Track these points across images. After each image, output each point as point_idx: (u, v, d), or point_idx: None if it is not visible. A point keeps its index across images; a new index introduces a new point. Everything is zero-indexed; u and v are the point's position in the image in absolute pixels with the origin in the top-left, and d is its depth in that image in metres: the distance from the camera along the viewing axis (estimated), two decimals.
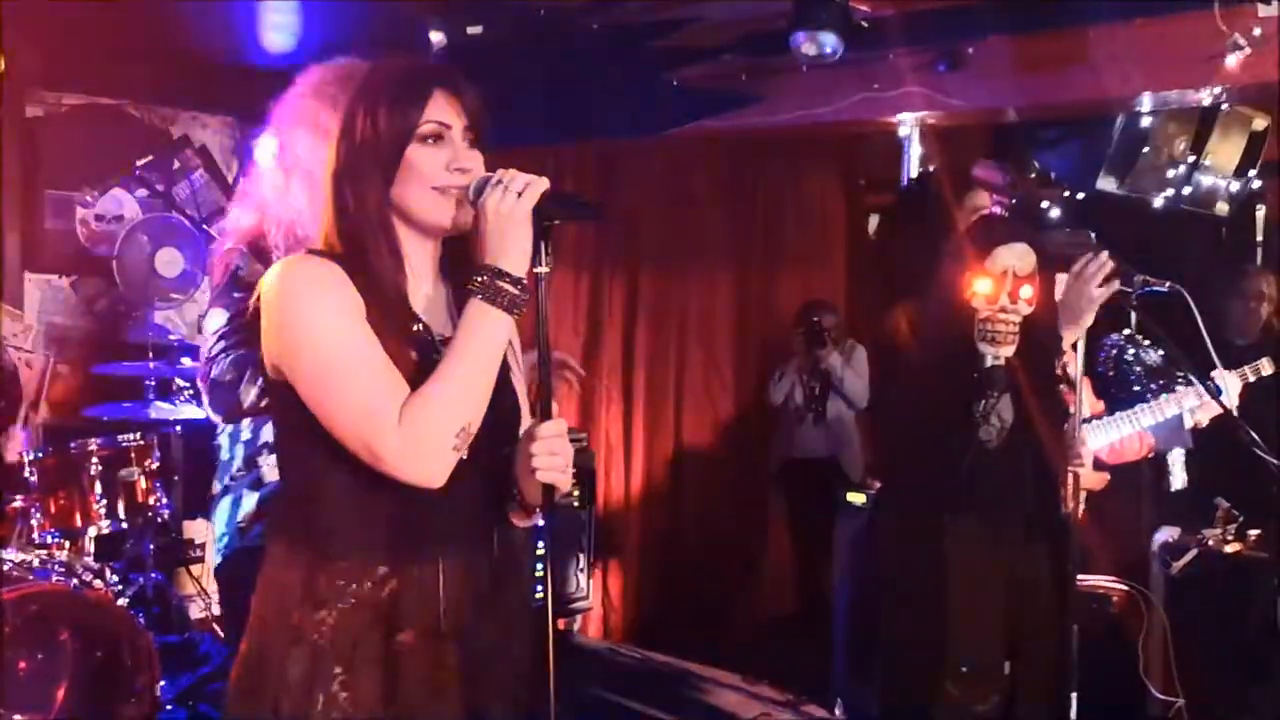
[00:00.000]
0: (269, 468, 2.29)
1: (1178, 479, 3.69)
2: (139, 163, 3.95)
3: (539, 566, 3.61)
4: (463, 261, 1.60)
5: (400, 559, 1.58)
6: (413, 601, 1.58)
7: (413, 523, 1.57)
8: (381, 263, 1.58)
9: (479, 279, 1.53)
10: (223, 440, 2.39)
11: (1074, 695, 2.63)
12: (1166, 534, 3.70)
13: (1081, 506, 2.67)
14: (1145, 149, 4.35)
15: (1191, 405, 3.20)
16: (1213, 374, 2.96)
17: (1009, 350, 2.47)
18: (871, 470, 4.51)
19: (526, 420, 1.73)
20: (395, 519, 1.57)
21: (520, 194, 1.52)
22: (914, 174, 4.32)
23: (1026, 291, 2.47)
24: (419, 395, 1.51)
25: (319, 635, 1.56)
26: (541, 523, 1.64)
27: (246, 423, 2.31)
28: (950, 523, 2.59)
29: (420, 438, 1.50)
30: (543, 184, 1.55)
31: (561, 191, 1.56)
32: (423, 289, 1.65)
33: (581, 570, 4.83)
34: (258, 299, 1.59)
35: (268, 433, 2.30)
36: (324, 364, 1.52)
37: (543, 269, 1.55)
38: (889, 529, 2.83)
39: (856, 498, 4.12)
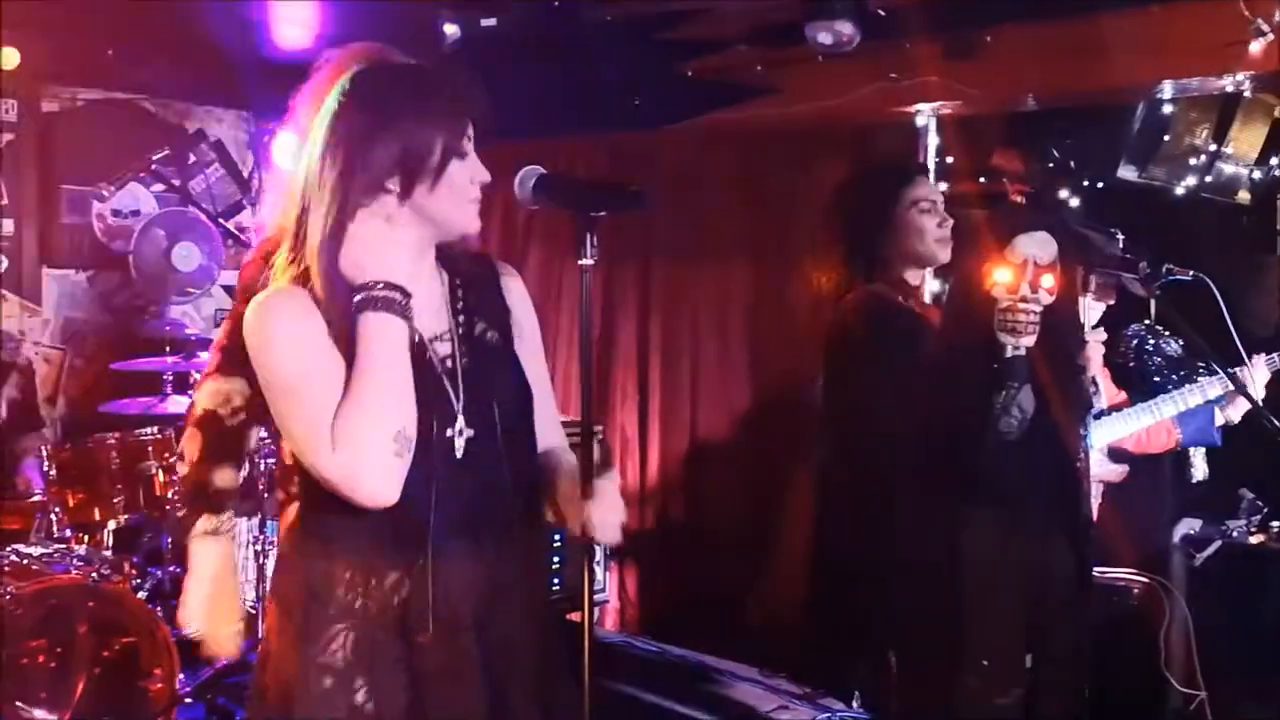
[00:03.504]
0: None
1: (1200, 470, 3.66)
2: (154, 157, 3.96)
3: (554, 560, 3.60)
4: (455, 256, 1.66)
5: (410, 561, 1.57)
6: (426, 602, 1.57)
7: (420, 523, 1.56)
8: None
9: (361, 295, 1.54)
10: None
11: (1094, 689, 2.61)
12: (1189, 525, 3.67)
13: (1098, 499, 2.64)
14: (1166, 137, 4.32)
15: (1212, 395, 3.17)
16: (1243, 366, 2.92)
17: (1030, 340, 2.43)
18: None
19: (541, 400, 1.72)
20: (401, 521, 1.56)
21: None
22: (932, 164, 4.29)
23: (1047, 281, 2.44)
24: (340, 417, 1.51)
25: (336, 646, 1.56)
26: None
27: None
28: (969, 515, 2.57)
29: (356, 455, 1.50)
30: None
31: (607, 181, 1.58)
32: (416, 289, 1.61)
33: (598, 563, 4.83)
34: None
35: None
36: (280, 400, 1.56)
37: (587, 260, 1.57)
38: (907, 521, 2.80)
39: None
